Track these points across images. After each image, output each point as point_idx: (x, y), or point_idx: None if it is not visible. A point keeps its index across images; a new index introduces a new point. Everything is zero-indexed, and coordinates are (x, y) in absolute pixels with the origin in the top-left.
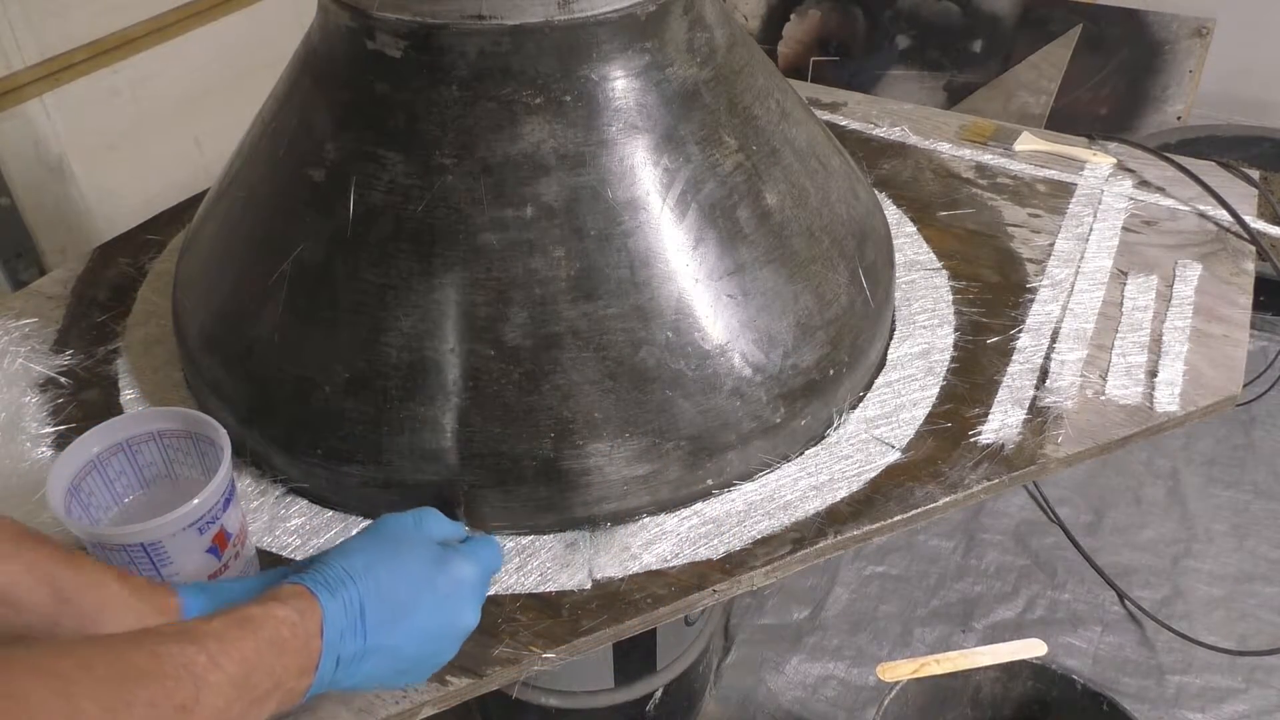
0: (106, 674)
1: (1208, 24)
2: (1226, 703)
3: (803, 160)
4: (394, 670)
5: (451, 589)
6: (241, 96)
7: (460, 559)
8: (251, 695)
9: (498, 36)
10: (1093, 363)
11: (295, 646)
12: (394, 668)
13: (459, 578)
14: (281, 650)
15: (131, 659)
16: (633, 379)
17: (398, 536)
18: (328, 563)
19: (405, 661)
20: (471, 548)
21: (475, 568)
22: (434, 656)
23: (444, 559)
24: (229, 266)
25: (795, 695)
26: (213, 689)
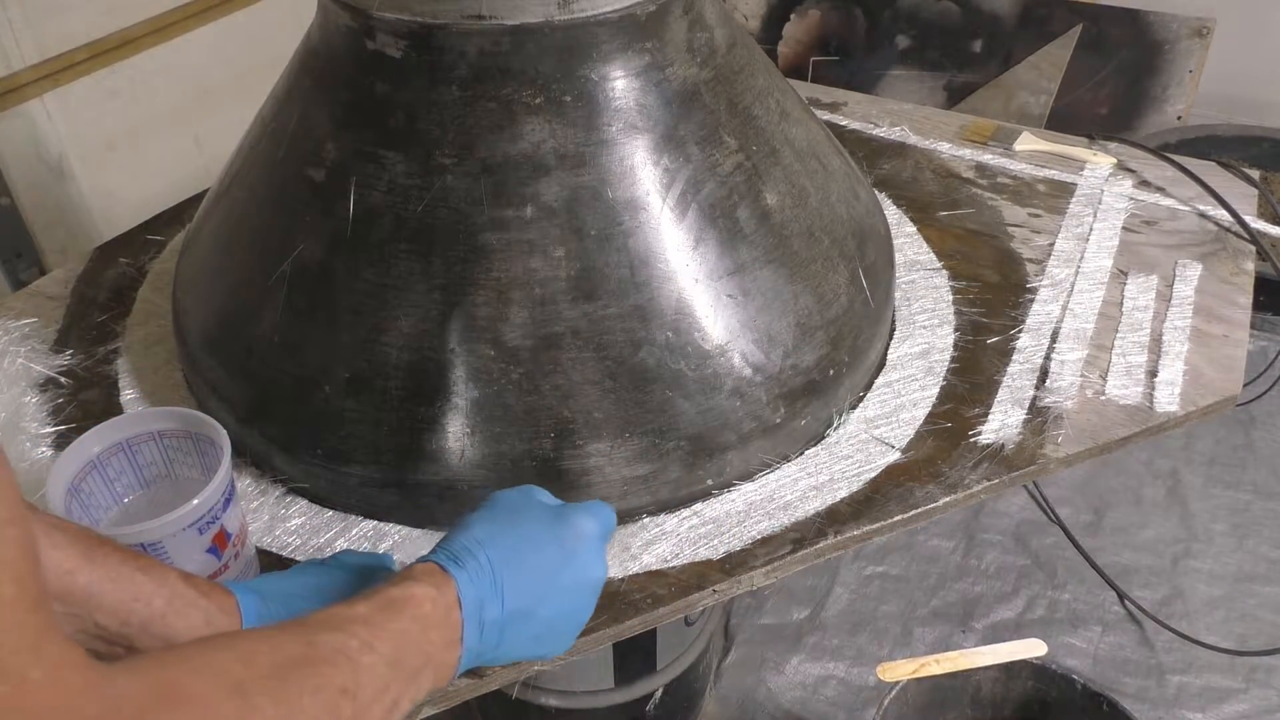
0: (270, 667)
1: (1208, 24)
2: (1226, 703)
3: (803, 160)
4: (534, 636)
5: (575, 544)
6: (241, 96)
7: (578, 514)
8: (405, 673)
9: (498, 36)
10: (1093, 363)
11: (438, 620)
12: (534, 633)
13: (581, 532)
14: (426, 626)
15: (289, 649)
16: (633, 379)
17: (512, 505)
18: (452, 539)
19: (543, 625)
20: (586, 506)
21: (594, 521)
22: (571, 616)
23: (563, 517)
24: (229, 266)
25: (795, 695)
26: (369, 671)
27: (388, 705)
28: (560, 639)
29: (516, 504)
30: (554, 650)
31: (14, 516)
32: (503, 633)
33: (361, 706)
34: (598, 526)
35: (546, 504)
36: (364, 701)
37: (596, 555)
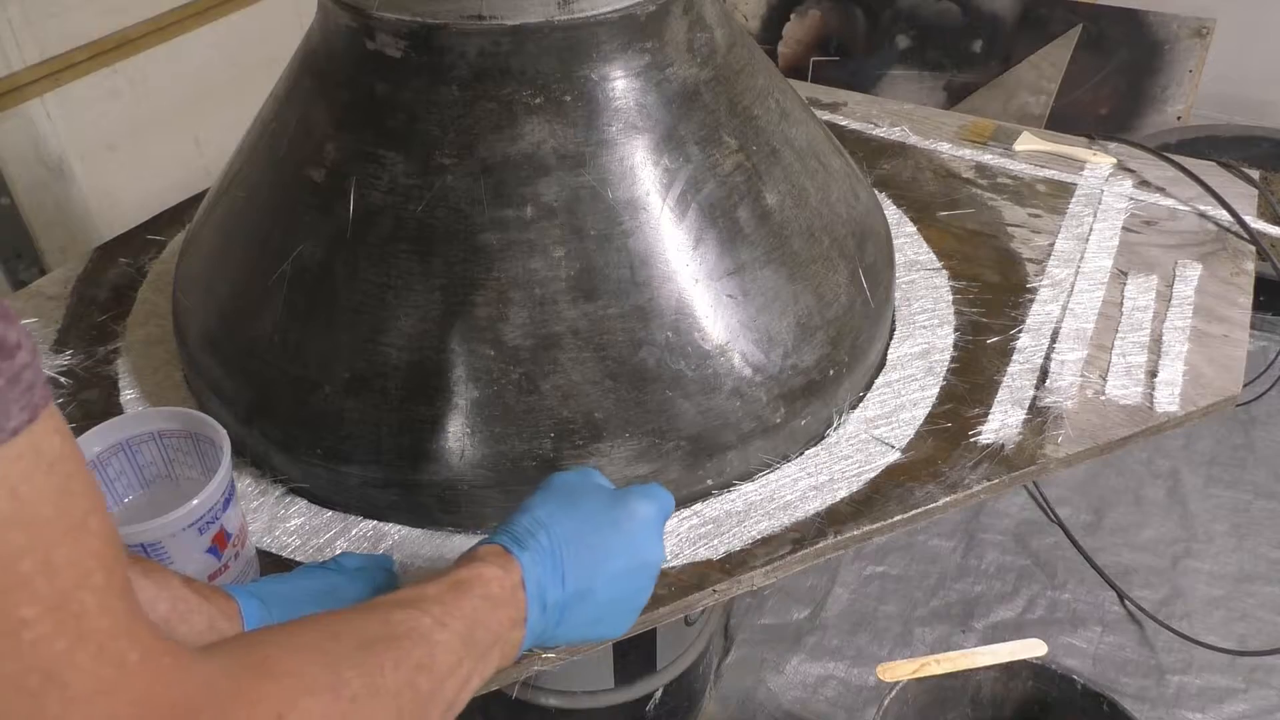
0: (353, 643)
1: (1208, 24)
2: (1226, 703)
3: (803, 160)
4: (593, 619)
5: (634, 525)
6: (241, 96)
7: (636, 497)
8: (477, 650)
9: (498, 36)
10: (1093, 363)
11: (505, 600)
12: (593, 615)
13: (639, 515)
14: (495, 605)
15: (368, 627)
16: (633, 379)
17: (571, 487)
18: (514, 520)
19: (602, 607)
20: (643, 489)
21: (652, 504)
22: (630, 599)
23: (621, 499)
24: (229, 266)
25: (795, 695)
26: (443, 647)
27: (461, 680)
28: (618, 621)
29: (575, 486)
30: (612, 632)
31: (95, 506)
32: (563, 613)
33: (437, 680)
34: (655, 509)
35: (604, 486)
36: (439, 676)
37: (654, 538)
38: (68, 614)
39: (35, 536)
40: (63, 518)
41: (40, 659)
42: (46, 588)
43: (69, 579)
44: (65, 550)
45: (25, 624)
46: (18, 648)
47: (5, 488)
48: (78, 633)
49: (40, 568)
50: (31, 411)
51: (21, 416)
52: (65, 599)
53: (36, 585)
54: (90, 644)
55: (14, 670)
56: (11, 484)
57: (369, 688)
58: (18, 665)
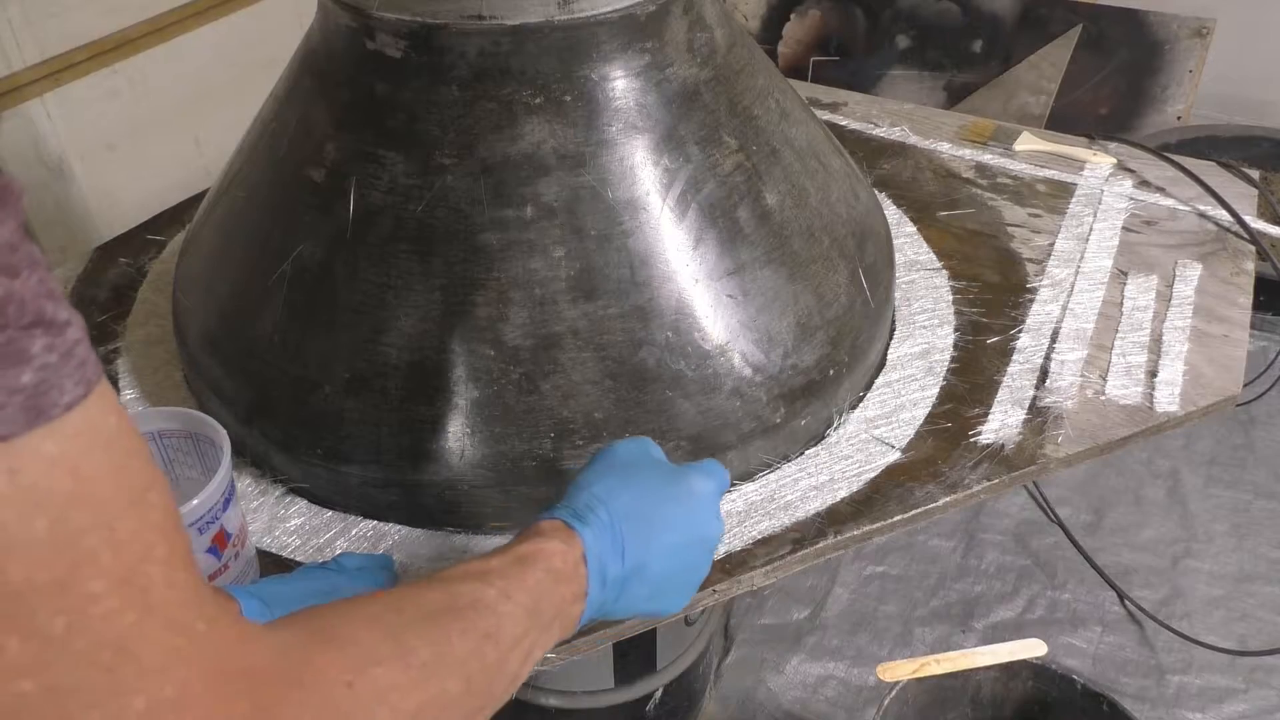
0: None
1: (1208, 24)
2: (1226, 703)
3: (803, 160)
4: (650, 593)
5: (691, 500)
6: (241, 96)
7: (694, 472)
8: (540, 623)
9: (498, 36)
10: (1093, 363)
11: (568, 574)
12: (650, 589)
13: (697, 489)
14: (558, 579)
15: (432, 599)
16: (633, 379)
17: (627, 461)
18: (573, 496)
19: (660, 581)
20: (700, 465)
21: (708, 479)
22: (689, 573)
23: (679, 474)
24: (229, 266)
25: (795, 695)
26: (508, 618)
27: (525, 652)
28: (678, 595)
29: (633, 459)
30: (671, 607)
31: (153, 481)
32: (622, 588)
33: (503, 651)
34: (713, 484)
35: (661, 460)
36: (505, 646)
37: (712, 512)
38: (134, 588)
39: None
40: (123, 493)
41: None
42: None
43: (133, 553)
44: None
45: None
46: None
47: (66, 466)
48: (145, 605)
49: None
50: (85, 386)
51: (76, 391)
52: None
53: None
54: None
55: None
56: (72, 462)
57: (437, 656)
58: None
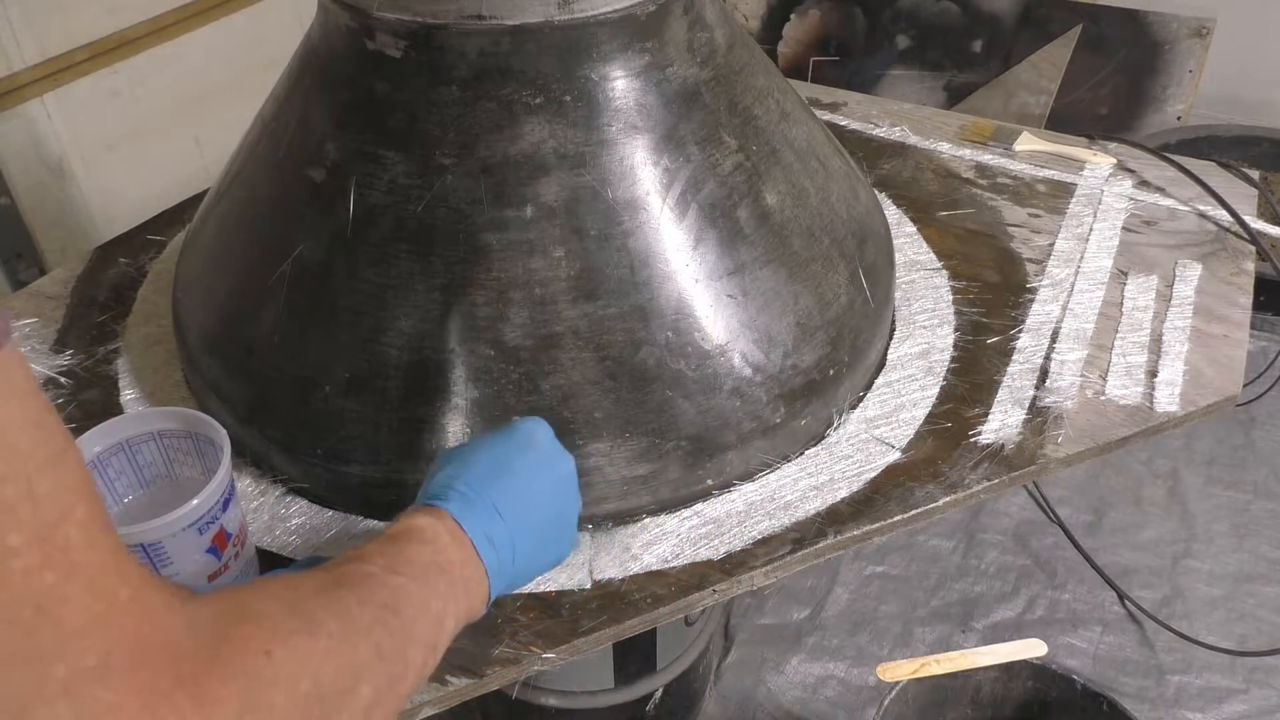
0: (312, 588)
1: (1208, 24)
2: (1226, 703)
3: (803, 160)
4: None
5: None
6: (241, 96)
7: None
8: (435, 590)
9: (498, 36)
10: (1093, 363)
11: (446, 542)
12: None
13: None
14: (437, 548)
15: (321, 578)
16: (633, 379)
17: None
18: (424, 489)
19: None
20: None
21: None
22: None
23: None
24: (229, 266)
25: (795, 695)
26: (401, 590)
27: (434, 619)
28: (564, 537)
29: (467, 443)
30: (562, 552)
31: (69, 444)
32: (515, 547)
33: (406, 620)
34: (542, 426)
35: (486, 433)
36: (408, 616)
37: (557, 449)
38: (54, 546)
39: (14, 465)
40: (40, 449)
41: (31, 591)
42: (31, 517)
43: (53, 511)
44: (46, 481)
45: (13, 552)
46: (8, 577)
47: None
48: (66, 566)
49: (23, 496)
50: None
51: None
52: (51, 530)
53: (21, 513)
54: (79, 578)
55: (6, 601)
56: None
57: (342, 625)
58: (9, 596)
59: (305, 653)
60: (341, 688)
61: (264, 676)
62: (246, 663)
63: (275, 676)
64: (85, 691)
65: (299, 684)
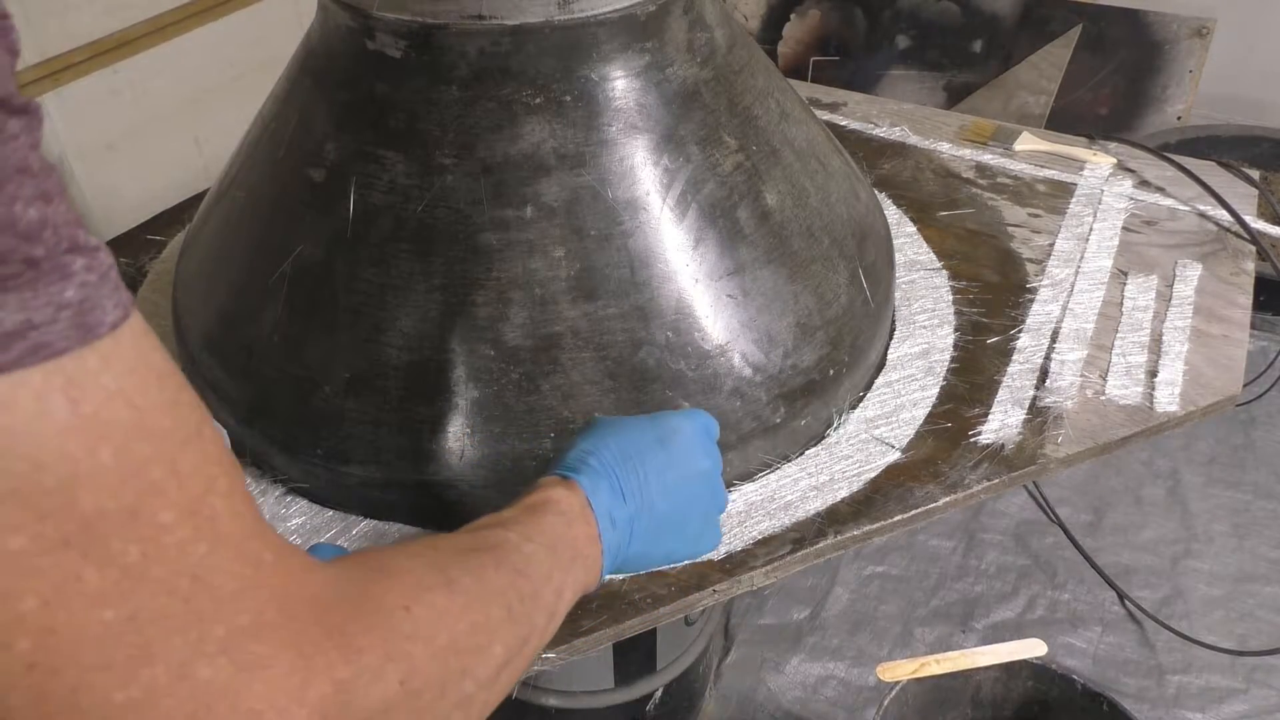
0: (452, 550)
1: (1208, 24)
2: (1226, 703)
3: (803, 160)
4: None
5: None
6: (241, 96)
7: (674, 416)
8: (562, 563)
9: (498, 36)
10: (1093, 363)
11: (576, 515)
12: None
13: (682, 429)
14: (569, 521)
15: (461, 540)
16: (633, 379)
17: (611, 421)
18: (562, 456)
19: (667, 518)
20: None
21: (693, 420)
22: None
23: (660, 418)
24: (229, 266)
25: (795, 695)
26: (532, 557)
27: (555, 588)
28: (689, 533)
29: (615, 419)
30: (692, 548)
31: (205, 418)
32: (632, 528)
33: (536, 584)
34: (698, 425)
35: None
36: (537, 580)
37: (699, 447)
38: (202, 518)
39: (159, 446)
40: (180, 428)
41: (186, 562)
42: (178, 494)
43: (197, 485)
44: (189, 458)
45: (165, 529)
46: (163, 552)
47: (123, 399)
48: (215, 535)
49: (169, 475)
50: (124, 310)
51: (117, 313)
52: (198, 504)
53: (169, 492)
54: (228, 546)
55: (164, 574)
56: (129, 395)
57: (479, 584)
58: (166, 569)
59: (443, 609)
60: (477, 644)
61: (403, 630)
62: (387, 616)
63: (414, 631)
64: (243, 647)
65: (436, 638)
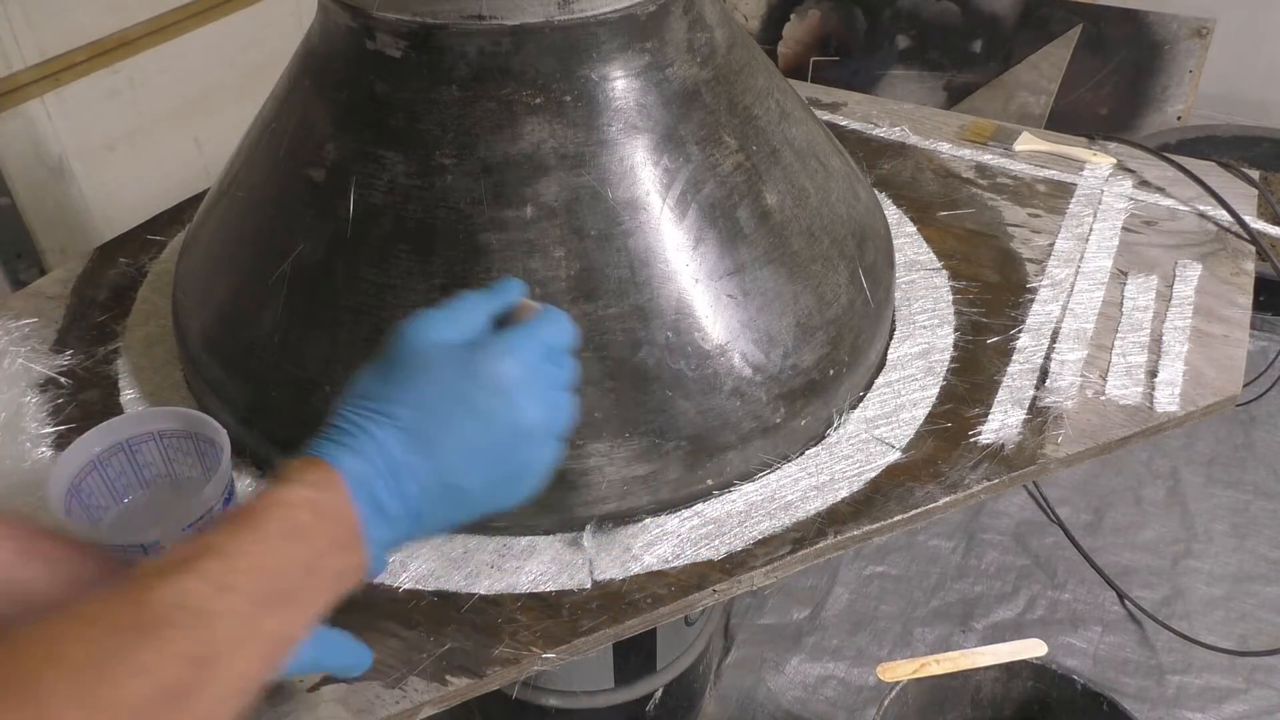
0: (84, 658)
1: (1208, 24)
2: (1226, 703)
3: (803, 160)
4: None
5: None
6: (241, 96)
7: (489, 358)
8: (281, 600)
9: (498, 36)
10: (1093, 363)
11: (315, 528)
12: (461, 500)
13: (496, 380)
14: (300, 537)
15: (116, 619)
16: (633, 379)
17: (410, 358)
18: (341, 412)
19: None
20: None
21: (509, 360)
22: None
23: (470, 365)
24: (229, 266)
25: (795, 695)
26: (228, 618)
27: (266, 643)
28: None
29: (416, 354)
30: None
31: None
32: (420, 515)
33: (222, 665)
34: (516, 364)
35: (454, 346)
36: (225, 654)
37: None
38: None
39: None
40: None
41: None
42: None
43: None
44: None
45: None
46: None
47: None
48: None
49: None
50: None
51: None
52: None
53: None
54: None
55: None
56: None
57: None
58: None
59: None
60: None
61: None
62: None
63: None
64: None
65: None
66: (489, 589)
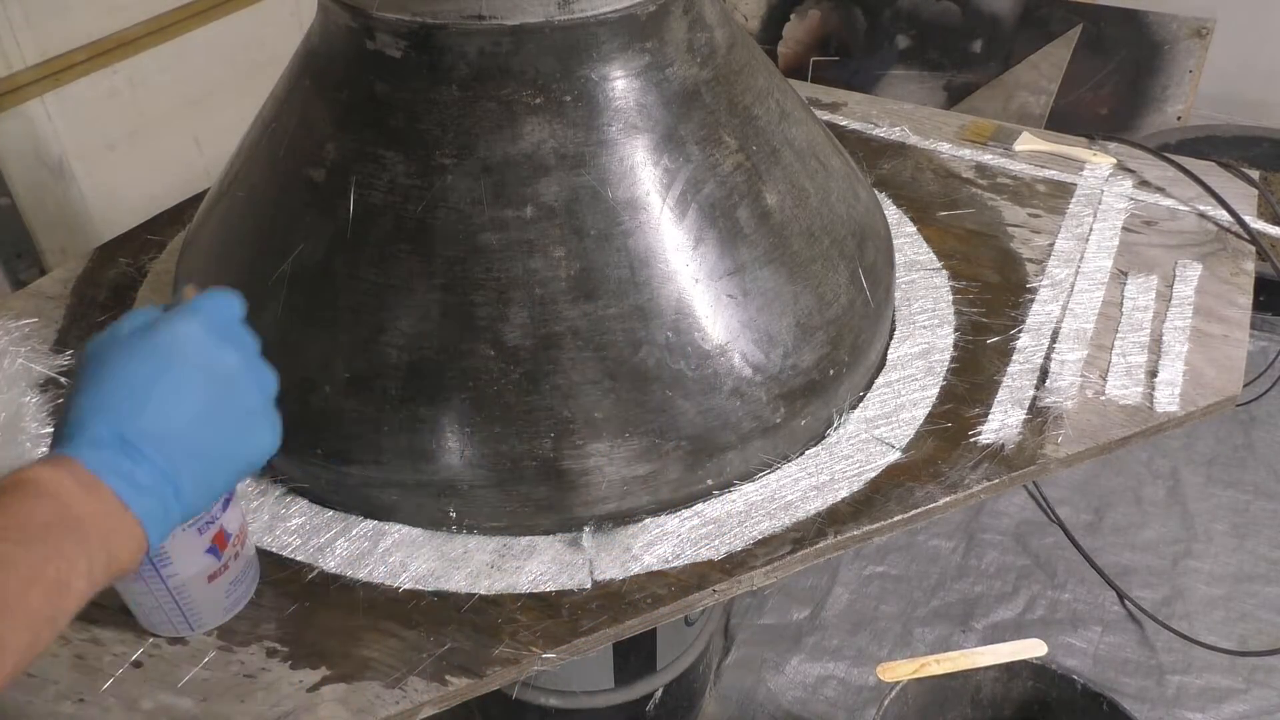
0: None
1: (1208, 24)
2: (1226, 703)
3: (803, 160)
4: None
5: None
6: (241, 96)
7: (155, 326)
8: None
9: (498, 36)
10: (1093, 363)
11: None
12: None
13: (165, 335)
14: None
15: None
16: (633, 379)
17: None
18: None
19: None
20: (172, 309)
21: (177, 319)
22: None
23: (143, 336)
24: (229, 267)
25: (795, 695)
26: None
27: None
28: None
29: (106, 350)
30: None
31: None
32: (175, 479)
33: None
34: (196, 324)
35: (144, 325)
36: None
37: (208, 343)
38: None
39: None
40: None
41: None
42: None
43: None
44: None
45: None
46: None
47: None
48: None
49: None
50: None
51: None
52: None
53: None
54: None
55: None
56: None
57: None
58: None
59: None
60: None
61: None
62: None
63: None
64: None
65: None
66: (489, 589)
